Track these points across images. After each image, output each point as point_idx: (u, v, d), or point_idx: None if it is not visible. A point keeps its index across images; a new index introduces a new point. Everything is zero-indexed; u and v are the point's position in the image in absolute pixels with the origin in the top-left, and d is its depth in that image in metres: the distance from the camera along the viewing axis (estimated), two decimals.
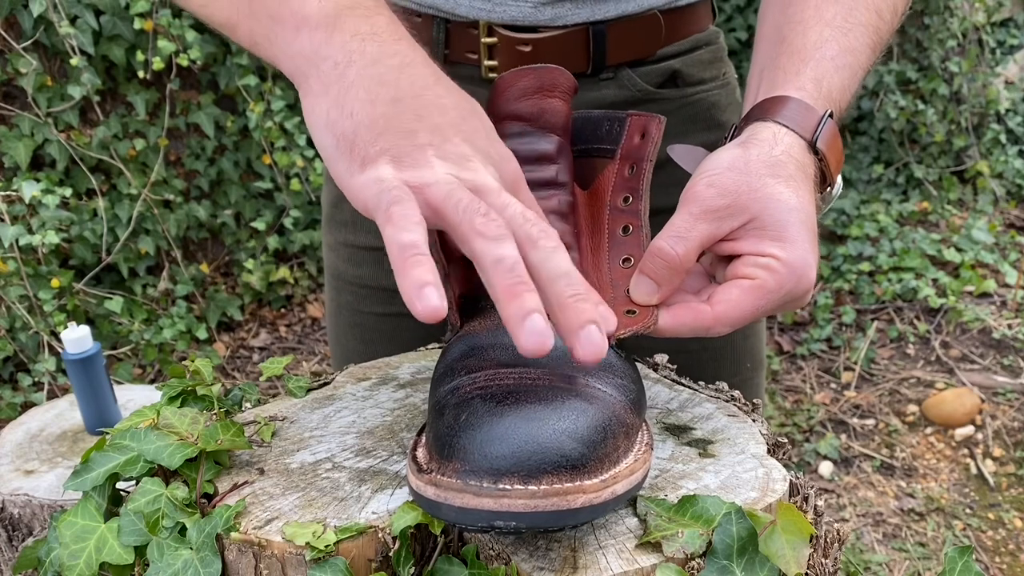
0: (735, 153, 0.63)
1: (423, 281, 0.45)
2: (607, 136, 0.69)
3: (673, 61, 0.88)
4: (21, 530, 1.20)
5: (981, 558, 2.07)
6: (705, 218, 0.60)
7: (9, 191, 2.28)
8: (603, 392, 0.53)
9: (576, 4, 0.82)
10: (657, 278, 0.60)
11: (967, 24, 3.55)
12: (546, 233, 0.51)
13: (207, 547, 0.53)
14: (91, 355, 1.45)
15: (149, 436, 0.58)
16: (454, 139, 0.54)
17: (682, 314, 0.60)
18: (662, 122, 0.67)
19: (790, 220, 0.60)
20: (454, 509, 0.47)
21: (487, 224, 0.49)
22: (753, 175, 0.61)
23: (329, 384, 0.73)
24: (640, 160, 0.66)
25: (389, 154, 0.52)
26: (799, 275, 0.59)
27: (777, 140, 0.64)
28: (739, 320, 0.60)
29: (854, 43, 0.70)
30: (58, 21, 2.40)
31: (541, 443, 0.47)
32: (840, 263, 3.22)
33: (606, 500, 0.48)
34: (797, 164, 0.63)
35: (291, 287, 3.14)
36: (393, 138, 0.53)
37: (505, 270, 0.48)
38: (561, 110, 0.66)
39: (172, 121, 2.75)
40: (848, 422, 2.59)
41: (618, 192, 0.67)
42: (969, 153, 3.66)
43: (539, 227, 0.51)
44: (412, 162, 0.52)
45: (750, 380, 0.97)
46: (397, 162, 0.52)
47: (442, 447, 0.50)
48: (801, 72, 0.68)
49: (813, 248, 0.61)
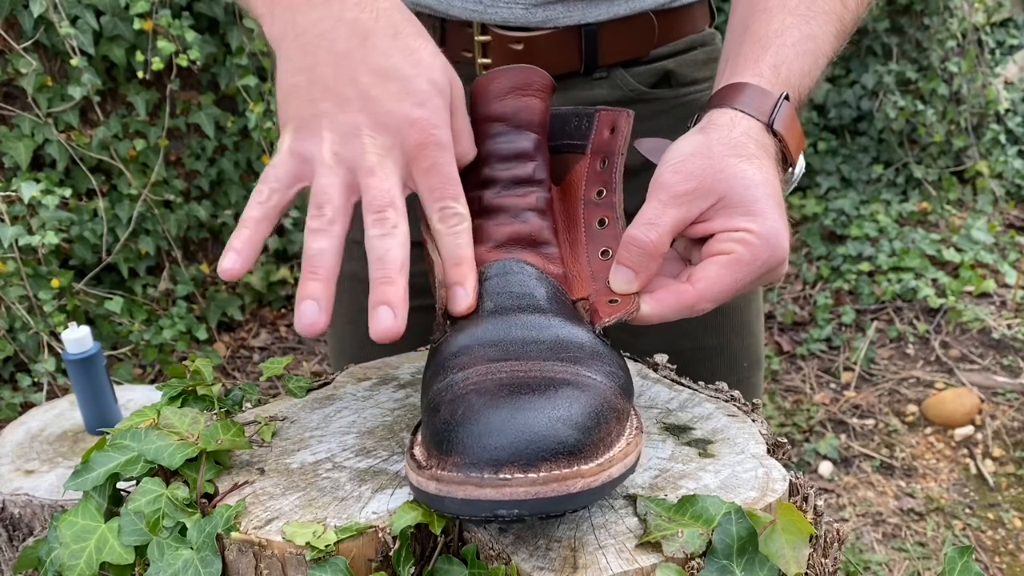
0: (696, 139, 0.65)
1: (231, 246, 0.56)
2: (576, 132, 0.70)
3: (667, 61, 0.89)
4: (21, 530, 1.20)
5: (981, 558, 2.07)
6: (674, 203, 0.62)
7: (9, 191, 2.28)
8: (593, 379, 0.54)
9: (567, 7, 0.82)
10: (634, 266, 0.62)
11: (967, 24, 3.55)
12: (380, 221, 0.56)
13: (207, 547, 0.53)
14: (91, 355, 1.45)
15: (149, 436, 0.58)
16: (351, 109, 0.58)
17: (664, 297, 0.62)
18: (631, 116, 0.69)
19: (757, 195, 0.62)
20: (457, 501, 0.48)
21: (312, 219, 0.56)
22: (716, 157, 0.63)
23: (329, 384, 0.73)
24: (611, 154, 0.68)
25: (294, 122, 0.59)
26: (773, 245, 0.61)
27: (735, 123, 0.66)
28: (720, 294, 0.61)
29: (816, 30, 0.72)
30: (58, 21, 2.40)
31: (538, 431, 0.48)
32: (840, 263, 3.22)
33: (603, 483, 0.49)
34: (757, 143, 0.65)
35: (291, 287, 3.14)
36: (299, 107, 0.59)
37: (306, 259, 0.56)
38: (537, 107, 0.68)
39: (172, 121, 2.75)
40: (848, 422, 2.59)
41: (591, 186, 0.68)
42: (969, 153, 3.67)
43: (378, 214, 0.56)
44: (308, 132, 0.58)
45: (747, 380, 0.97)
46: (296, 131, 0.59)
47: (440, 443, 0.50)
48: (761, 59, 0.70)
49: (783, 219, 0.62)
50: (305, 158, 0.58)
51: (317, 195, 0.57)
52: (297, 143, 0.58)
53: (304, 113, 0.58)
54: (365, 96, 0.58)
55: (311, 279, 0.55)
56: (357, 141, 0.57)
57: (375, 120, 0.58)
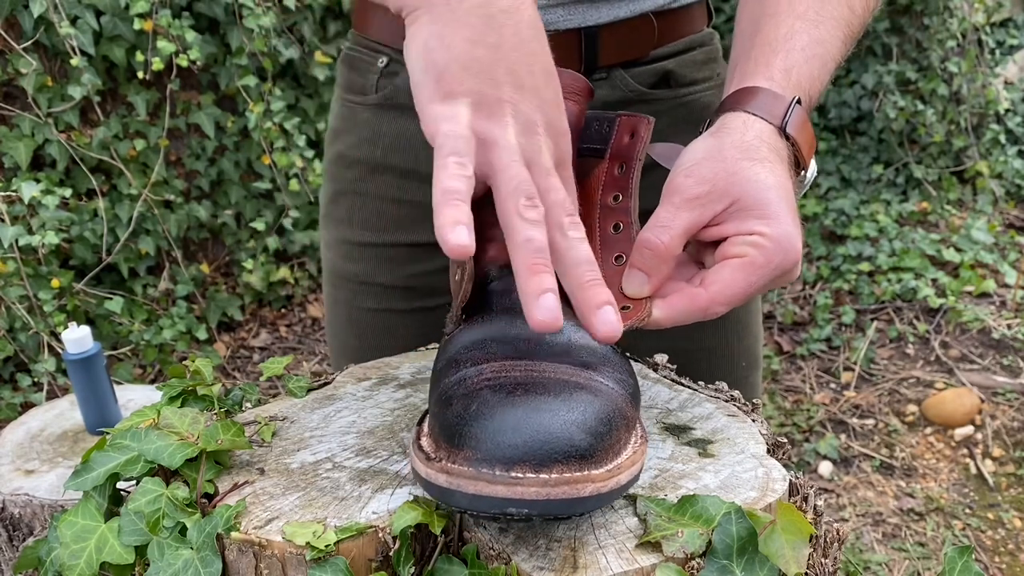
0: (709, 143, 0.65)
1: (457, 219, 0.48)
2: (596, 136, 0.70)
3: (666, 62, 0.89)
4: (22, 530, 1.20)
5: (981, 558, 2.07)
6: (687, 206, 0.62)
7: (9, 191, 2.28)
8: (606, 385, 0.54)
9: (568, 10, 0.82)
10: (646, 269, 0.62)
11: (967, 24, 3.55)
12: (576, 224, 0.54)
13: (207, 547, 0.53)
14: (91, 355, 1.45)
15: (149, 436, 0.58)
16: (531, 102, 0.56)
17: (677, 301, 0.62)
18: (651, 123, 0.69)
19: (770, 198, 0.62)
20: (467, 496, 0.48)
21: (528, 209, 0.52)
22: (728, 161, 0.63)
23: (329, 384, 0.73)
24: (629, 159, 0.68)
25: (472, 97, 0.54)
26: (786, 248, 0.61)
27: (748, 127, 0.66)
28: (734, 298, 0.61)
29: (824, 35, 0.72)
30: (58, 21, 2.40)
31: (552, 433, 0.48)
32: (840, 263, 3.22)
33: (612, 489, 0.50)
34: (770, 147, 0.65)
35: (291, 287, 3.14)
36: (480, 82, 0.55)
37: (532, 249, 0.51)
38: (575, 113, 0.67)
39: (172, 121, 2.75)
40: (848, 422, 2.59)
41: (608, 191, 0.68)
42: (968, 153, 3.67)
43: (571, 218, 0.54)
44: (489, 113, 0.54)
45: (745, 380, 0.97)
46: (476, 107, 0.54)
47: (451, 436, 0.50)
48: (771, 63, 0.70)
49: (796, 222, 0.63)
50: (487, 140, 0.54)
51: (521, 186, 0.52)
52: (480, 122, 0.54)
53: (487, 90, 0.55)
54: (538, 93, 0.56)
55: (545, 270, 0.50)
56: (535, 138, 0.55)
57: (546, 120, 0.56)
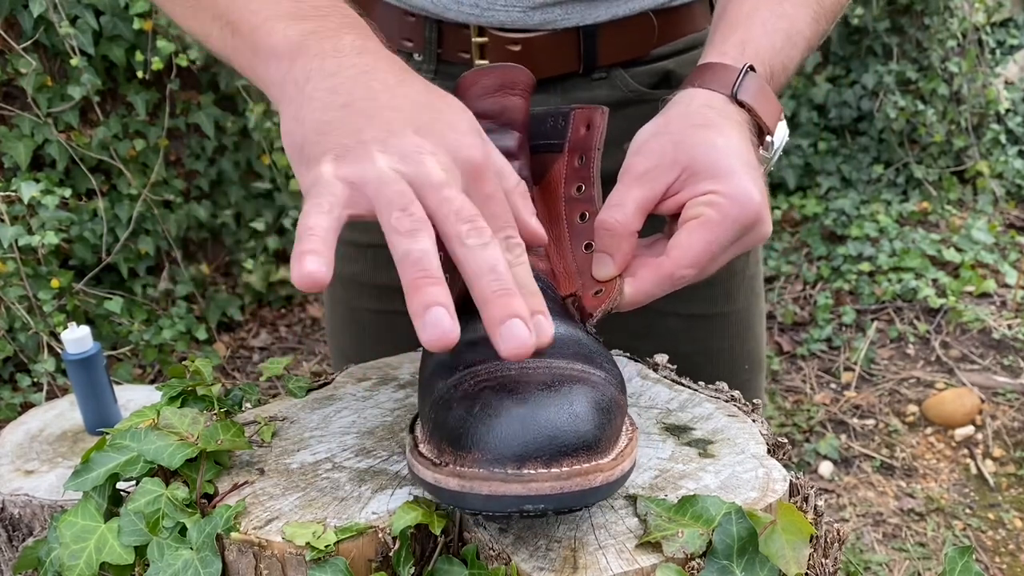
0: (655, 121, 0.67)
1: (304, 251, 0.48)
2: (553, 131, 0.71)
3: (667, 61, 0.88)
4: (21, 530, 1.20)
5: (981, 558, 2.07)
6: (636, 183, 0.64)
7: (9, 191, 2.28)
8: (597, 376, 0.54)
9: (566, 9, 0.82)
10: (608, 249, 0.63)
11: (967, 24, 3.55)
12: (478, 230, 0.50)
13: (207, 547, 0.53)
14: (91, 355, 1.45)
15: (149, 436, 0.58)
16: (404, 133, 0.54)
17: (644, 275, 0.62)
18: (605, 112, 0.70)
19: (719, 156, 0.63)
20: (481, 497, 0.48)
21: (401, 219, 0.50)
22: (675, 132, 0.65)
23: (329, 384, 0.73)
24: (588, 150, 0.69)
25: (332, 153, 0.53)
26: (742, 202, 0.61)
27: (692, 98, 0.67)
28: (697, 259, 0.61)
29: (789, 10, 0.73)
30: (58, 21, 2.40)
31: (559, 427, 0.49)
32: (840, 263, 3.22)
33: (618, 477, 0.50)
34: (717, 112, 0.66)
35: (291, 287, 3.14)
36: (337, 138, 0.54)
37: (410, 263, 0.48)
38: (521, 107, 0.68)
39: (172, 121, 2.75)
40: (848, 422, 2.59)
41: (571, 183, 0.69)
42: (969, 153, 3.66)
43: (471, 224, 0.50)
44: (353, 158, 0.53)
45: (748, 382, 0.97)
46: (338, 159, 0.53)
47: (456, 439, 0.50)
48: (727, 39, 0.71)
49: (751, 178, 0.62)
50: (357, 181, 0.52)
51: (393, 200, 0.50)
52: (343, 168, 0.52)
53: (347, 142, 0.53)
54: (416, 123, 0.54)
55: (427, 284, 0.48)
56: (419, 159, 0.52)
57: (434, 141, 0.54)
